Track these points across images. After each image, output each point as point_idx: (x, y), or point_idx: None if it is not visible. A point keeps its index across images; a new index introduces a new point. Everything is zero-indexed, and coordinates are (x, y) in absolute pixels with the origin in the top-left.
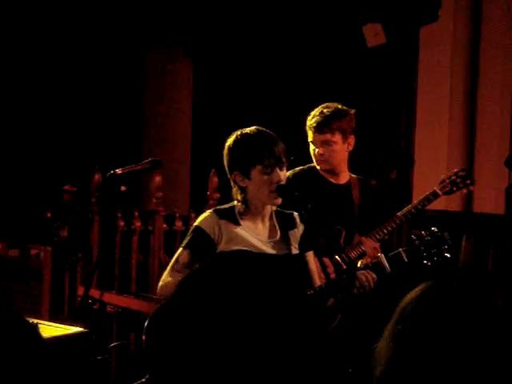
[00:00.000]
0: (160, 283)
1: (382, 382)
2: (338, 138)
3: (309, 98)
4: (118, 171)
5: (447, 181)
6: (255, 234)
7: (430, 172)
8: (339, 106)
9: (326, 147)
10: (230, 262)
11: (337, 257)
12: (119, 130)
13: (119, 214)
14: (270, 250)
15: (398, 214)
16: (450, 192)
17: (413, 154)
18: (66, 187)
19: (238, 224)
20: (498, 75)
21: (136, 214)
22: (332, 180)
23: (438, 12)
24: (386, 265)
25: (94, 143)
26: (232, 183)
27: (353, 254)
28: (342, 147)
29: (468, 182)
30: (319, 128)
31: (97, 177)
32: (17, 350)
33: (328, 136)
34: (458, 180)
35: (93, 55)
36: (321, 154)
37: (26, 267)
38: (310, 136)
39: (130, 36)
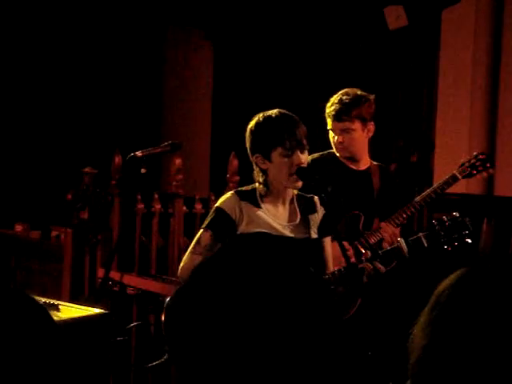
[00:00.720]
0: (181, 264)
1: (417, 368)
2: (357, 125)
3: (330, 81)
4: (138, 154)
5: (467, 164)
6: (275, 217)
7: (451, 155)
8: (358, 93)
9: (346, 135)
10: (250, 244)
11: (356, 242)
12: (139, 113)
13: (139, 197)
14: (289, 234)
15: (417, 198)
16: (470, 175)
17: (434, 137)
18: (86, 169)
19: (258, 206)
20: None
21: (156, 196)
22: (352, 166)
23: None
24: (405, 250)
25: (114, 126)
26: (254, 165)
27: (372, 240)
28: (361, 134)
29: (488, 165)
30: (338, 116)
31: (117, 159)
32: (26, 330)
33: (347, 124)
34: (478, 163)
35: (114, 38)
36: (340, 142)
37: (46, 249)
38: (329, 124)
39: (150, 18)
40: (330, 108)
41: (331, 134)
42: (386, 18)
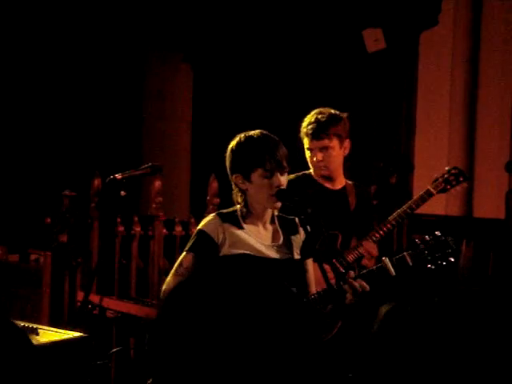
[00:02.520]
0: (164, 287)
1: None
2: (335, 143)
3: (309, 103)
4: (118, 176)
5: (440, 179)
6: (258, 238)
7: (430, 177)
8: (332, 111)
9: (325, 152)
10: (233, 266)
11: (334, 261)
12: (119, 136)
13: (119, 219)
14: (273, 255)
15: (394, 214)
16: (444, 190)
17: (413, 158)
18: (65, 192)
19: (241, 228)
20: (497, 80)
21: (136, 219)
22: (328, 186)
23: (437, 17)
24: (391, 268)
25: (93, 148)
26: (233, 185)
27: (350, 257)
28: (338, 152)
29: (461, 178)
30: (316, 134)
31: (96, 182)
32: (5, 353)
33: (326, 142)
34: (452, 178)
35: (93, 60)
36: (320, 161)
37: (25, 272)
38: (307, 143)
39: (130, 41)
40: (307, 127)
41: (308, 153)
42: (365, 40)
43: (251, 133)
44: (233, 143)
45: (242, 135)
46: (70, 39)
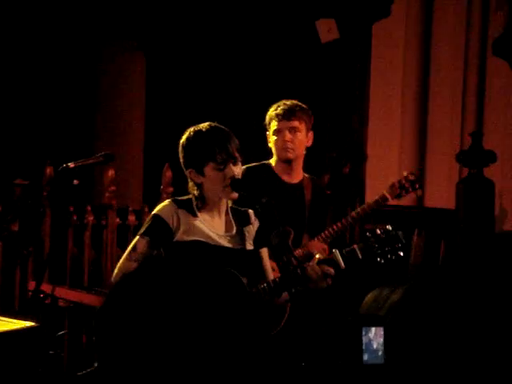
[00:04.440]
0: (115, 271)
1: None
2: (303, 127)
3: (263, 93)
4: (71, 165)
5: (397, 185)
6: (212, 227)
7: (383, 167)
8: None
9: (293, 134)
10: (186, 252)
11: (285, 258)
12: (72, 124)
13: (72, 209)
14: (226, 244)
15: (347, 216)
16: (399, 196)
17: (365, 148)
18: (17, 181)
19: (195, 216)
20: (449, 70)
21: (89, 208)
22: (285, 178)
23: (390, 8)
24: (341, 261)
25: (45, 137)
26: (188, 179)
27: (300, 254)
28: (304, 139)
29: (416, 186)
30: (287, 115)
31: (48, 170)
32: None
33: (295, 123)
34: (407, 184)
35: (46, 48)
36: (288, 141)
37: None
38: (275, 125)
39: (83, 29)
40: (277, 109)
41: (274, 137)
42: (318, 30)
43: (200, 126)
44: (183, 139)
45: (192, 130)
46: (23, 25)
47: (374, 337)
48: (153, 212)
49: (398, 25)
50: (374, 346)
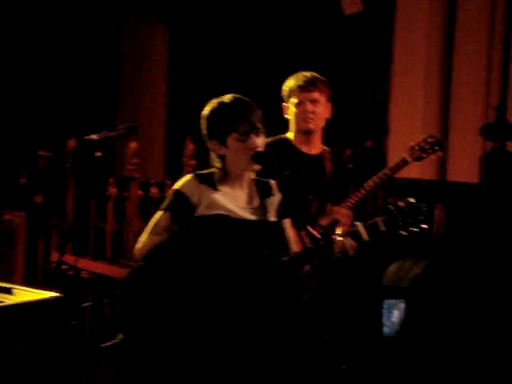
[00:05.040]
0: (138, 245)
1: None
2: (323, 98)
3: (286, 66)
4: (93, 137)
5: (416, 147)
6: (234, 200)
7: (405, 141)
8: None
9: (314, 105)
10: (209, 226)
11: (309, 227)
12: (95, 96)
13: (111, 180)
14: (248, 216)
15: (369, 181)
16: (420, 158)
17: (388, 122)
18: (40, 152)
19: (216, 190)
20: (473, 44)
21: (111, 180)
22: (305, 150)
23: None
24: (364, 233)
25: (69, 109)
26: (210, 151)
27: (325, 223)
28: (324, 110)
29: (437, 147)
30: (308, 87)
31: (71, 142)
32: None
33: (316, 94)
34: (427, 146)
35: (68, 22)
36: (310, 112)
37: None
38: (295, 97)
39: (105, 2)
40: (297, 81)
41: (294, 109)
42: (341, 2)
43: (223, 98)
44: (206, 110)
45: (215, 101)
46: (45, 2)
47: (396, 309)
48: (174, 187)
49: None
50: (395, 319)
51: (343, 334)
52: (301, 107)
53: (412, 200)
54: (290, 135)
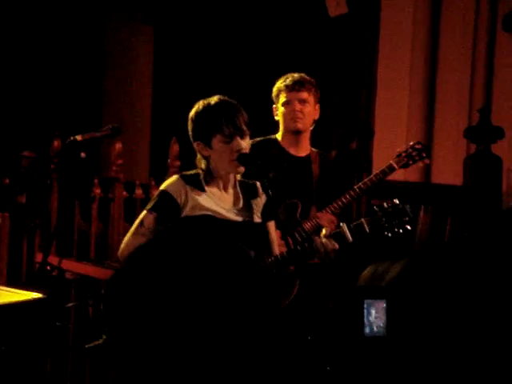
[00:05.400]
0: (122, 245)
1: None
2: (311, 99)
3: (271, 67)
4: (78, 137)
5: (403, 154)
6: (219, 202)
7: (390, 143)
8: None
9: (302, 105)
10: (194, 227)
11: (293, 231)
12: (79, 96)
13: (96, 181)
14: (234, 218)
15: (355, 186)
16: (406, 165)
17: (373, 124)
18: (24, 153)
19: (203, 190)
20: (457, 46)
21: (96, 181)
22: (293, 152)
23: None
24: (348, 235)
25: (53, 109)
26: (196, 152)
27: (308, 227)
28: (312, 111)
29: (424, 154)
30: (296, 87)
31: (56, 143)
32: None
33: (305, 94)
34: (414, 153)
35: (56, 19)
36: (298, 111)
37: None
38: (284, 97)
39: (91, 2)
40: (286, 81)
41: (283, 109)
42: (327, 4)
43: (209, 99)
44: (192, 111)
45: (200, 103)
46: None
47: (376, 309)
48: (160, 187)
49: None
50: (376, 319)
51: (326, 335)
52: (289, 107)
53: (396, 201)
54: (279, 136)
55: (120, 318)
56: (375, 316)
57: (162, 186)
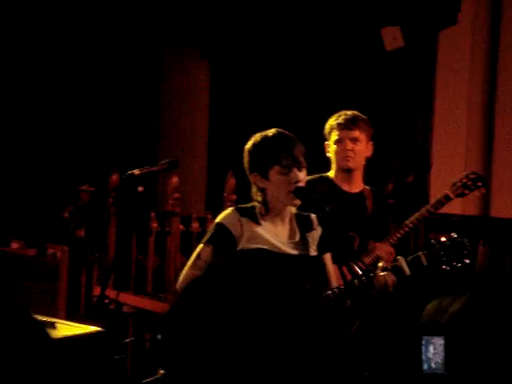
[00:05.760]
0: (180, 279)
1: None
2: (363, 137)
3: (327, 102)
4: (136, 172)
5: (459, 184)
6: (275, 234)
7: (447, 176)
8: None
9: (354, 143)
10: (249, 260)
11: (352, 263)
12: (137, 131)
13: (153, 214)
14: (290, 251)
15: (412, 217)
16: (462, 195)
17: (430, 158)
18: (83, 187)
19: (258, 223)
20: None
21: (153, 214)
22: (345, 188)
23: (457, 16)
24: (406, 268)
25: (111, 143)
26: (252, 185)
27: (368, 260)
28: (365, 149)
29: (479, 183)
30: (348, 125)
31: (114, 177)
32: (23, 347)
33: (356, 133)
34: (470, 183)
35: (112, 55)
36: (350, 150)
37: (42, 266)
38: (336, 135)
39: (147, 36)
40: (338, 119)
41: (335, 147)
42: (383, 38)
43: (267, 132)
44: (249, 143)
45: (258, 135)
46: (88, 34)
47: (435, 346)
48: (216, 220)
49: (464, 34)
50: (435, 356)
51: (384, 371)
52: (341, 145)
53: (455, 235)
54: (331, 174)
55: (178, 352)
56: (433, 353)
57: (218, 219)
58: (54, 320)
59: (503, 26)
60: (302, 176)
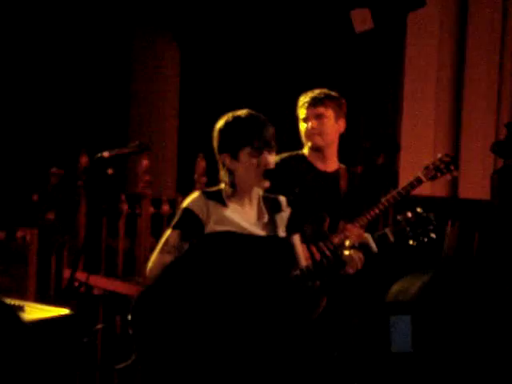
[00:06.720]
0: (149, 264)
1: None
2: (330, 113)
3: (297, 83)
4: (105, 154)
5: (431, 166)
6: (243, 216)
7: (417, 157)
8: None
9: (319, 120)
10: (218, 243)
11: (321, 243)
12: (106, 113)
13: (123, 197)
14: (258, 232)
15: (382, 200)
16: (434, 177)
17: (399, 139)
18: (52, 170)
19: (225, 206)
20: (484, 61)
21: (123, 197)
22: (320, 166)
23: None
24: (373, 245)
25: (80, 126)
26: (220, 165)
27: (336, 240)
28: (333, 125)
29: (452, 167)
30: (313, 103)
31: (84, 160)
32: None
33: (321, 109)
34: (442, 166)
35: (80, 37)
36: (313, 128)
37: (11, 249)
38: (303, 113)
39: (117, 18)
40: (306, 98)
41: (303, 124)
42: (353, 20)
43: (238, 112)
44: (220, 123)
45: (230, 115)
46: (57, 13)
47: (401, 325)
48: (182, 205)
49: (433, 14)
50: (402, 335)
51: (353, 351)
52: (307, 123)
53: (420, 210)
54: (306, 151)
55: (148, 338)
56: (401, 332)
57: (184, 204)
58: (23, 303)
59: (471, 7)
60: (272, 159)
